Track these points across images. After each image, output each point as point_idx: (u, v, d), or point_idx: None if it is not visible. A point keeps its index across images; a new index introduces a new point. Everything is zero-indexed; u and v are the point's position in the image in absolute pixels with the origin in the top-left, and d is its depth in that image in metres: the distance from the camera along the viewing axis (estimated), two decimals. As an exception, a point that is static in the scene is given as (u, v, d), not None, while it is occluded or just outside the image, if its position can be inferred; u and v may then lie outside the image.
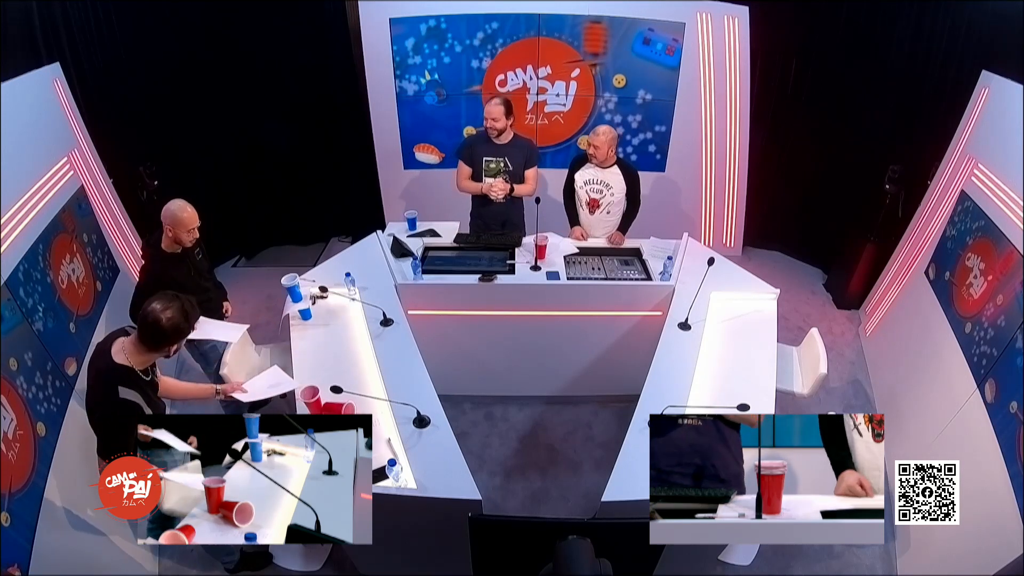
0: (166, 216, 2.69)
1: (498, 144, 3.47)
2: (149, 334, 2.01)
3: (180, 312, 2.02)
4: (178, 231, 2.70)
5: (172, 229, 2.70)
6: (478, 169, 3.52)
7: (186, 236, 2.73)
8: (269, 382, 2.58)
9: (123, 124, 3.85)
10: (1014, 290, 2.55)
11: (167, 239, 2.75)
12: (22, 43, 3.05)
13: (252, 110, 4.53)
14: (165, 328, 1.98)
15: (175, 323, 2.00)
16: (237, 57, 4.33)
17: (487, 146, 3.48)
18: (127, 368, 2.04)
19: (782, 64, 4.38)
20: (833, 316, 4.45)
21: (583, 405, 3.63)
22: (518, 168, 3.53)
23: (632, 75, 4.41)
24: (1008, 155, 2.84)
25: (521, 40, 4.33)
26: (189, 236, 2.74)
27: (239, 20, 4.21)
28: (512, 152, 3.49)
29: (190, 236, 2.74)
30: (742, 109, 4.45)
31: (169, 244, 2.76)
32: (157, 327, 1.98)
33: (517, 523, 2.35)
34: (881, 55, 3.98)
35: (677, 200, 4.83)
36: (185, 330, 2.06)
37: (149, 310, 1.99)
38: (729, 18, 4.18)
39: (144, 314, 2.00)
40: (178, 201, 2.71)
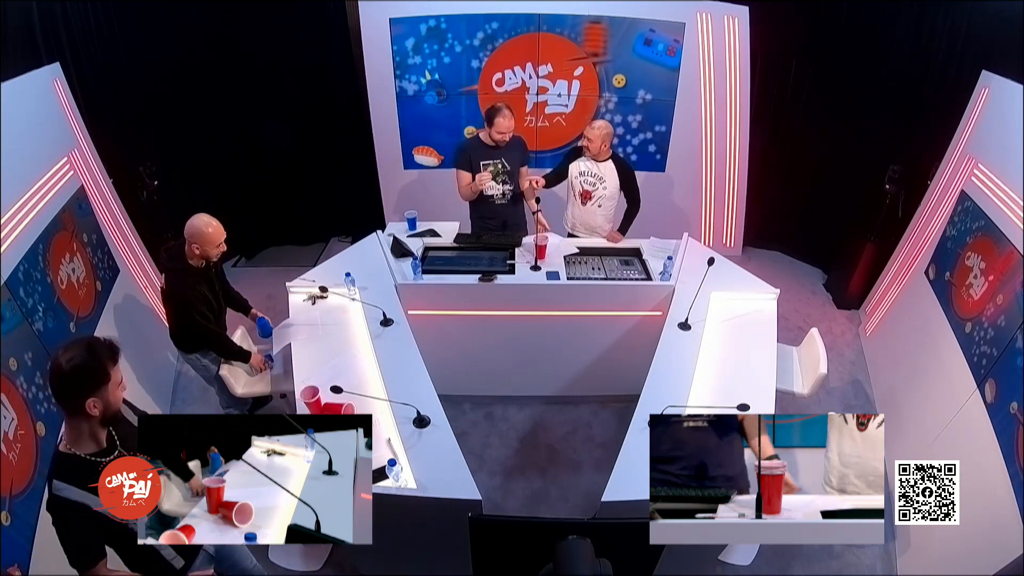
0: (192, 233, 2.59)
1: (495, 147, 3.46)
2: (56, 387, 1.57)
3: (84, 351, 1.55)
4: (207, 247, 2.62)
5: (200, 246, 2.61)
6: (476, 173, 3.51)
7: (215, 251, 2.65)
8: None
9: (123, 124, 3.86)
10: (1014, 290, 2.55)
11: (194, 255, 2.65)
12: (22, 43, 3.05)
13: (252, 110, 4.54)
14: (66, 373, 1.53)
15: (76, 365, 1.53)
16: (237, 57, 4.33)
17: (483, 150, 3.47)
18: (68, 455, 1.60)
19: (782, 64, 4.38)
20: (833, 316, 4.45)
21: (583, 405, 3.63)
22: (515, 168, 3.53)
23: (632, 75, 4.40)
24: (1008, 155, 2.84)
25: (520, 35, 4.30)
26: (218, 251, 2.66)
27: (239, 20, 4.22)
28: (508, 153, 3.49)
29: (218, 251, 2.66)
30: (742, 109, 4.45)
31: (196, 260, 2.67)
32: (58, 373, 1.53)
33: (517, 523, 2.35)
34: (881, 55, 3.98)
35: (677, 200, 4.83)
36: (95, 370, 1.55)
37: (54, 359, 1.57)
38: (729, 18, 4.18)
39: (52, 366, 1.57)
40: (202, 216, 2.61)
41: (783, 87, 4.45)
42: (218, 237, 2.63)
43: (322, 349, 2.76)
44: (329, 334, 2.86)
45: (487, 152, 3.47)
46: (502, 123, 3.32)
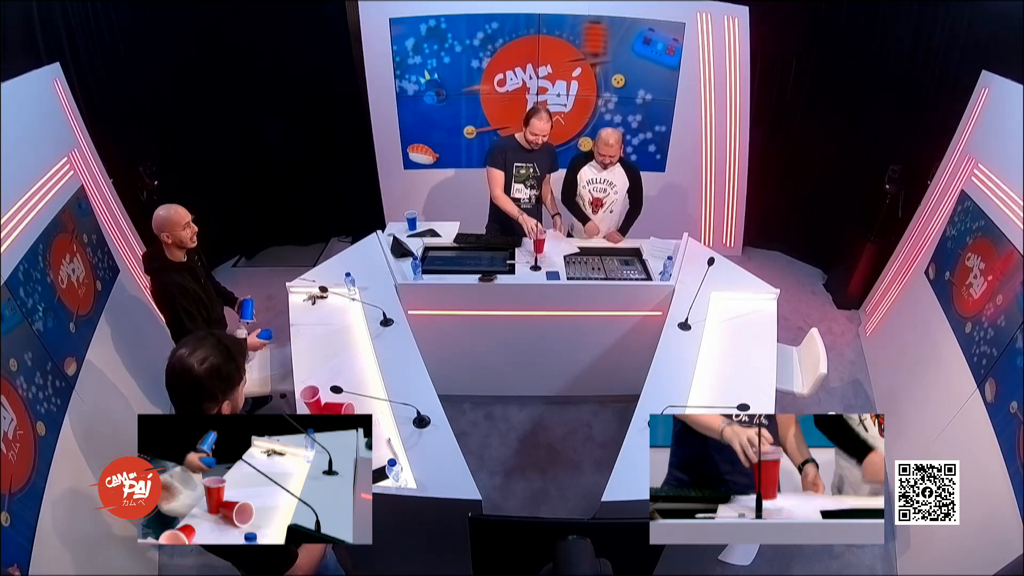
0: (158, 225, 2.60)
1: (530, 150, 3.47)
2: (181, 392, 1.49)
3: (218, 349, 1.48)
4: (175, 231, 2.61)
5: (169, 233, 2.61)
6: (508, 174, 3.52)
7: (186, 233, 2.64)
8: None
9: (123, 124, 3.85)
10: (1014, 290, 2.55)
11: (169, 248, 2.66)
12: (22, 43, 3.05)
13: (252, 110, 4.54)
14: (200, 376, 1.45)
15: (212, 366, 1.46)
16: (237, 57, 4.33)
17: (518, 152, 3.48)
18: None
19: (782, 64, 4.38)
20: (833, 316, 4.45)
21: (583, 405, 3.63)
22: (544, 174, 3.57)
23: (632, 75, 4.41)
24: (1008, 155, 2.84)
25: (521, 38, 4.32)
26: (189, 232, 2.65)
27: (239, 20, 4.22)
28: (541, 158, 3.51)
29: (190, 232, 2.65)
30: (742, 109, 4.45)
31: (172, 252, 2.68)
32: (189, 376, 1.46)
33: (517, 523, 2.34)
34: (881, 55, 3.98)
35: (677, 200, 4.83)
36: (233, 371, 1.50)
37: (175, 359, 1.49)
38: (729, 18, 4.18)
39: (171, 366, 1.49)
40: (161, 206, 2.63)
41: (783, 87, 4.45)
42: (181, 217, 2.62)
43: (322, 349, 2.76)
44: (329, 334, 2.86)
45: (522, 155, 3.48)
46: (537, 124, 3.32)
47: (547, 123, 3.33)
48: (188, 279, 2.72)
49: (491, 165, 3.51)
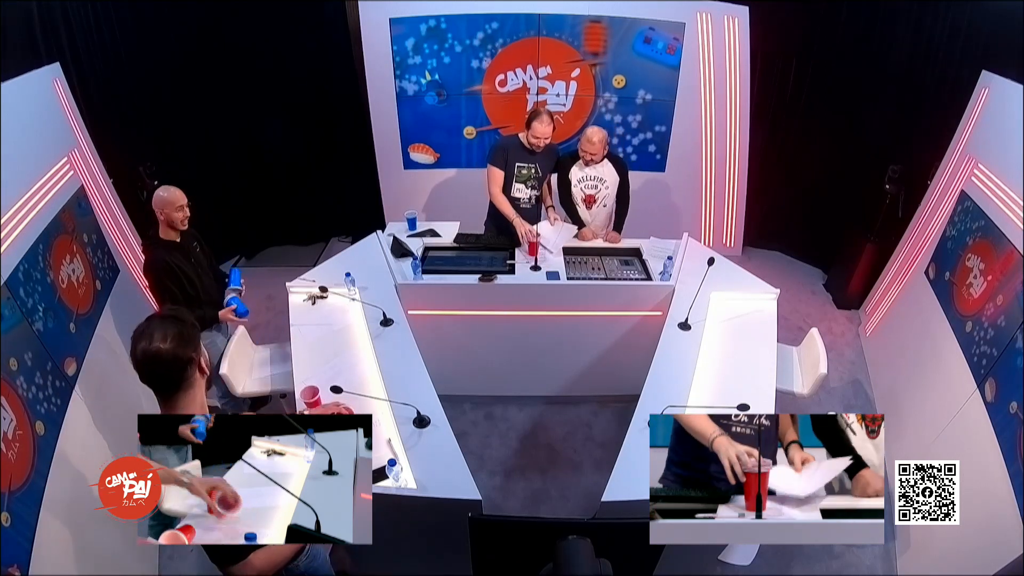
0: (155, 201, 2.75)
1: (531, 152, 3.46)
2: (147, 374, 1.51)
3: (168, 322, 1.51)
4: (169, 212, 2.74)
5: (163, 212, 2.74)
6: (510, 174, 3.51)
7: (178, 215, 2.76)
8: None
9: (123, 124, 3.85)
10: (1014, 290, 2.55)
11: (163, 227, 2.79)
12: (22, 43, 3.05)
13: (252, 110, 4.54)
14: (170, 352, 1.48)
15: (174, 335, 1.49)
16: (237, 57, 4.33)
17: (520, 152, 3.47)
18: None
19: (782, 64, 4.38)
20: (833, 316, 4.45)
21: (583, 405, 3.63)
22: (546, 174, 3.57)
23: (632, 75, 4.41)
24: (1008, 155, 2.84)
25: (521, 40, 4.33)
26: (181, 214, 2.77)
27: (239, 20, 4.21)
28: (543, 159, 3.51)
29: (182, 214, 2.77)
30: (742, 109, 4.45)
31: (165, 231, 2.80)
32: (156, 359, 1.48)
33: (517, 523, 2.35)
34: (881, 55, 3.98)
35: (677, 200, 4.83)
36: (191, 329, 1.54)
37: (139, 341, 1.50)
38: (729, 18, 4.18)
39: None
40: (161, 187, 2.78)
41: (783, 87, 4.45)
42: (176, 199, 2.74)
43: (322, 349, 2.76)
44: (329, 334, 2.86)
45: (524, 155, 3.47)
46: (538, 128, 3.31)
47: (548, 126, 3.33)
48: (178, 258, 2.81)
49: (492, 164, 3.51)
